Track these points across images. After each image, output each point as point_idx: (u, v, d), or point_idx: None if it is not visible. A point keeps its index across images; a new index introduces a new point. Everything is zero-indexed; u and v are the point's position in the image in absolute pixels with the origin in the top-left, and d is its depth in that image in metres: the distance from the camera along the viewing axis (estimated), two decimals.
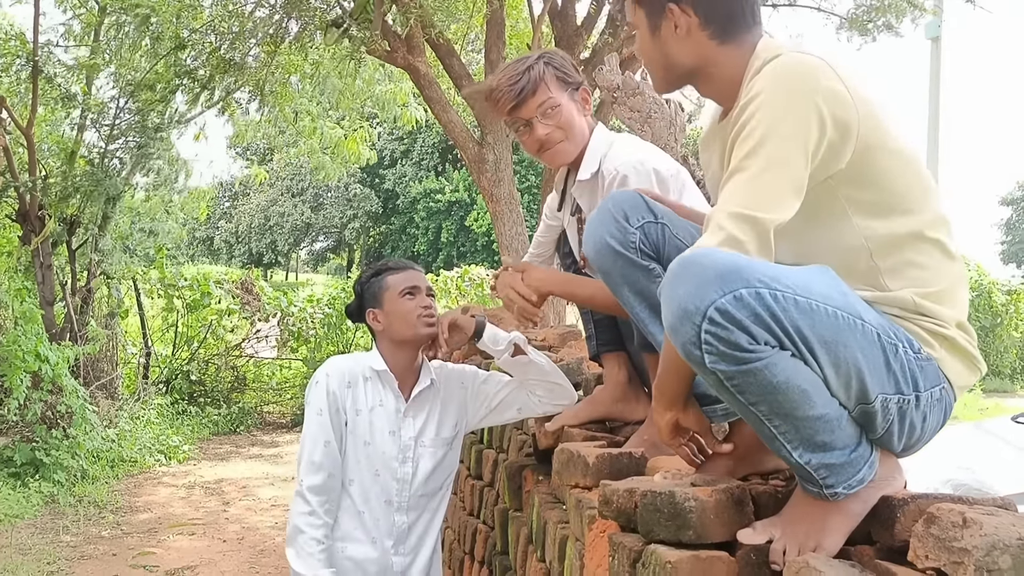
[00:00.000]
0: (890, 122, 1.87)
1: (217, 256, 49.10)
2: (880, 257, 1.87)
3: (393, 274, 3.06)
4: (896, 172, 1.85)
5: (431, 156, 40.57)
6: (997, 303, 19.37)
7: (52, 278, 9.75)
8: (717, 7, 1.94)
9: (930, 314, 1.85)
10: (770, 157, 1.73)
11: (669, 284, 1.69)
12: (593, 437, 2.74)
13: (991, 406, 14.81)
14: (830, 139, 1.77)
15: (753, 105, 1.78)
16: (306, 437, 2.94)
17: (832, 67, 1.81)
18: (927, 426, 1.85)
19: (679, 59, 2.02)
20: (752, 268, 1.63)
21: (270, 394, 13.03)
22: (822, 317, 1.66)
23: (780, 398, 1.65)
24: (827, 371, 1.68)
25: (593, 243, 2.28)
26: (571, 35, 8.81)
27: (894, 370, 1.75)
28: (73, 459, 8.16)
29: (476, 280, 15.59)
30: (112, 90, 10.50)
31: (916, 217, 1.86)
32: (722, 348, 1.61)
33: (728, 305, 1.59)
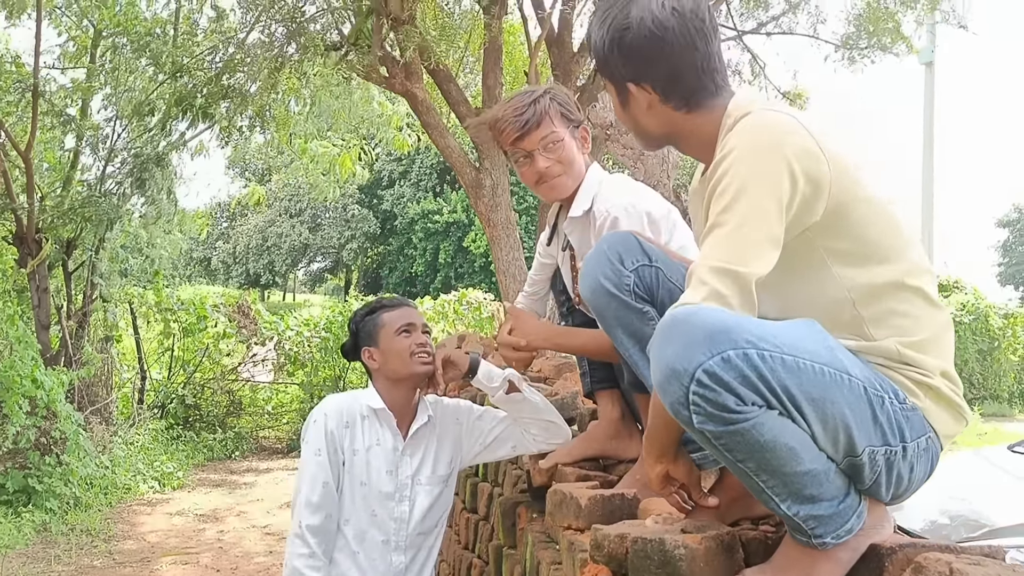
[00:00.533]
0: (862, 174, 1.90)
1: (214, 276, 49.06)
2: (863, 306, 1.88)
3: (388, 311, 3.06)
4: (871, 222, 1.87)
5: (429, 177, 40.62)
6: (994, 327, 19.36)
7: (48, 302, 9.74)
8: (674, 84, 1.98)
9: (914, 363, 1.86)
10: (745, 212, 1.76)
11: (658, 343, 1.70)
12: (587, 476, 2.74)
13: (990, 431, 14.78)
14: (803, 193, 1.79)
15: (727, 162, 1.82)
16: (303, 477, 2.92)
17: (801, 123, 1.85)
18: (914, 476, 1.86)
19: (650, 129, 2.08)
20: (740, 328, 1.65)
21: (266, 419, 12.99)
22: (809, 375, 1.67)
23: (768, 456, 1.66)
24: (815, 427, 1.69)
25: (588, 284, 2.30)
26: (567, 62, 8.84)
27: (881, 422, 1.76)
28: (66, 486, 8.12)
29: (473, 304, 15.56)
30: (109, 112, 10.52)
31: (895, 265, 1.89)
32: (710, 409, 1.62)
33: (716, 367, 1.61)
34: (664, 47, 1.94)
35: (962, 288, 21.09)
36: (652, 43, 1.95)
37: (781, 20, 9.99)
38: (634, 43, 1.96)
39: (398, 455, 3.00)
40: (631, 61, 1.99)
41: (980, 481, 6.19)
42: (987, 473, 6.39)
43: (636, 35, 1.95)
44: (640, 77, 2.00)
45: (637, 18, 1.95)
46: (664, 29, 1.93)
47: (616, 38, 1.99)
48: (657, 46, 1.95)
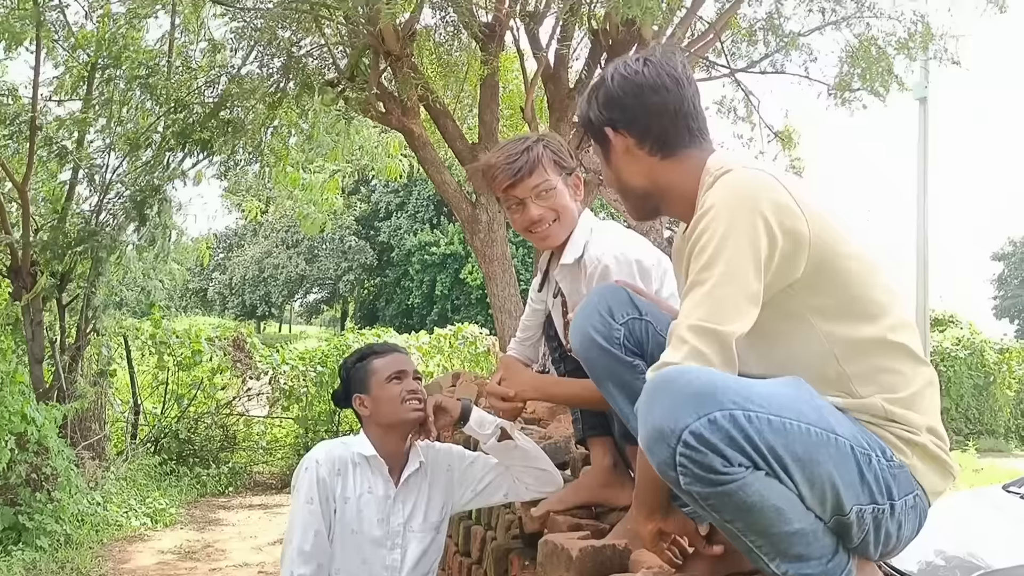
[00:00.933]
0: (843, 229, 1.93)
1: (210, 308, 49.04)
2: (847, 363, 1.89)
3: (379, 358, 3.05)
4: (854, 278, 1.89)
5: (426, 209, 40.68)
6: (989, 361, 19.35)
7: (42, 335, 9.71)
8: (648, 126, 2.06)
9: (901, 420, 1.87)
10: (724, 270, 1.79)
11: (645, 404, 1.72)
12: (578, 525, 2.73)
13: (986, 466, 14.75)
14: (783, 249, 1.82)
15: (705, 220, 1.86)
16: (295, 526, 2.89)
17: (780, 181, 1.89)
18: (903, 534, 1.87)
19: (631, 180, 2.13)
20: (726, 389, 1.67)
21: (260, 453, 12.91)
22: (796, 435, 1.69)
23: (756, 516, 1.68)
24: (802, 487, 1.70)
25: (579, 337, 2.32)
26: (563, 98, 8.88)
27: (868, 481, 1.77)
28: (57, 523, 8.02)
29: (469, 338, 15.55)
30: (105, 143, 10.52)
31: (879, 321, 1.90)
32: (697, 471, 1.64)
33: (702, 429, 1.62)
34: (635, 90, 2.05)
35: (957, 323, 21.13)
36: (624, 87, 2.06)
37: (773, 58, 10.05)
38: (608, 91, 2.08)
39: (390, 502, 2.98)
40: (607, 107, 2.09)
41: (975, 522, 6.16)
42: (983, 513, 6.36)
43: (610, 84, 2.08)
44: (616, 122, 2.08)
45: (611, 71, 2.10)
46: (635, 73, 2.06)
47: (594, 92, 2.13)
48: (629, 89, 2.06)
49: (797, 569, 1.74)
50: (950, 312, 21.65)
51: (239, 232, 47.86)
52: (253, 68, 9.22)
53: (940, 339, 19.32)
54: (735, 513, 1.68)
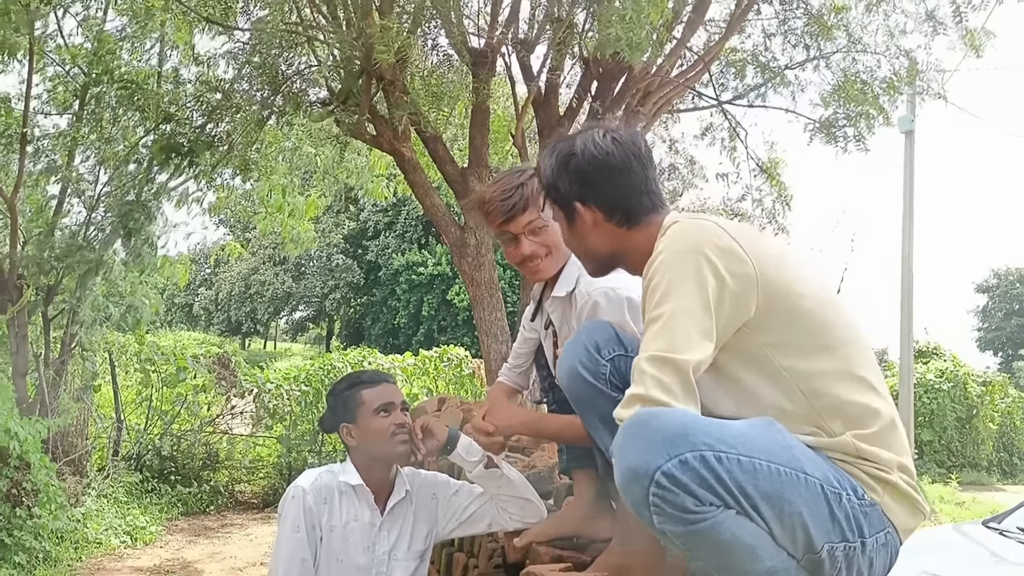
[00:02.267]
0: (793, 269, 2.03)
1: (196, 323, 48.87)
2: (813, 397, 1.95)
3: (368, 388, 3.05)
4: (807, 314, 1.97)
5: (415, 229, 40.65)
6: (972, 394, 19.41)
7: (27, 349, 9.68)
8: (616, 202, 2.19)
9: (872, 458, 1.92)
10: (675, 306, 1.89)
11: (619, 446, 1.79)
12: (559, 557, 2.74)
13: (968, 500, 14.79)
14: (732, 290, 1.91)
15: (655, 264, 1.98)
16: (280, 554, 2.90)
17: (724, 228, 2.00)
18: (874, 571, 1.92)
19: (596, 247, 2.26)
20: (697, 431, 1.74)
21: (243, 473, 12.84)
22: (765, 475, 1.74)
23: (728, 555, 1.73)
24: (772, 526, 1.76)
25: (566, 371, 2.37)
26: (553, 125, 8.92)
27: (839, 519, 1.82)
28: (36, 540, 7.97)
29: (454, 360, 15.55)
30: (94, 160, 10.54)
31: (838, 354, 1.97)
32: (669, 510, 1.69)
33: (674, 469, 1.68)
34: (606, 169, 2.18)
35: (941, 355, 21.21)
36: (596, 166, 2.18)
37: (760, 91, 10.14)
38: (580, 166, 2.19)
39: (375, 531, 2.98)
40: (578, 183, 2.20)
41: (957, 558, 6.18)
42: (964, 549, 6.38)
43: (581, 160, 2.19)
44: (586, 197, 2.21)
45: (581, 146, 2.20)
46: (606, 154, 2.17)
47: (564, 163, 2.22)
48: (600, 169, 2.18)
49: None
50: (934, 344, 21.74)
51: (220, 253, 47.74)
52: (242, 85, 9.25)
53: (923, 371, 19.39)
54: (709, 552, 1.73)
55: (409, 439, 2.96)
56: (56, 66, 10.42)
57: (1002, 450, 20.10)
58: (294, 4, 8.36)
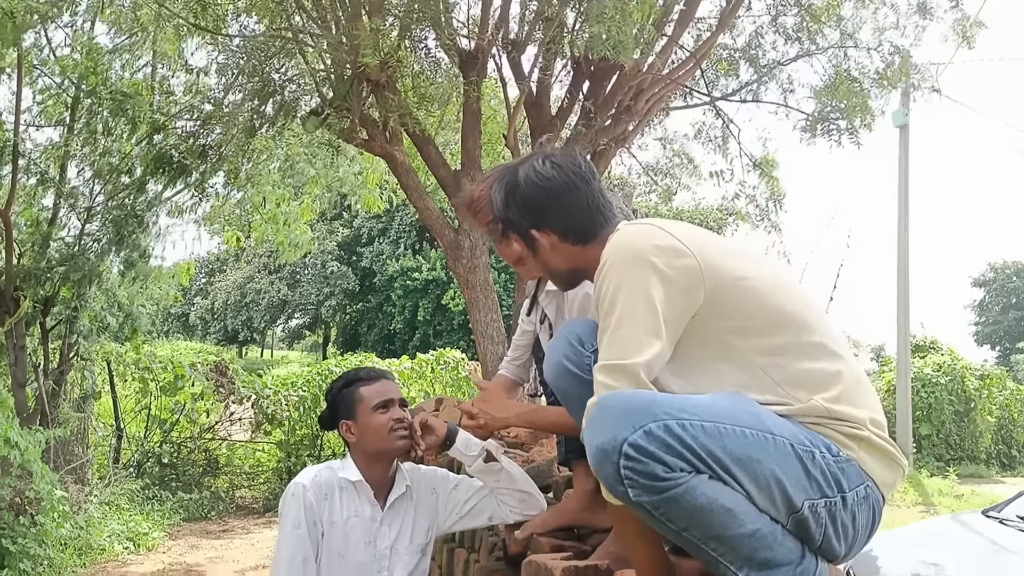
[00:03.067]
0: (735, 255, 2.11)
1: (192, 332, 48.81)
2: (773, 371, 2.00)
3: (366, 385, 3.07)
4: (752, 294, 2.03)
5: (408, 235, 40.65)
6: (970, 387, 19.44)
7: (25, 360, 9.70)
8: (569, 223, 2.29)
9: (843, 417, 1.96)
10: (620, 313, 1.98)
11: (587, 431, 1.86)
12: (560, 547, 2.77)
13: (966, 492, 14.82)
14: (678, 284, 1.99)
15: (600, 276, 2.07)
16: (282, 552, 2.91)
17: (662, 228, 2.09)
18: (858, 524, 1.95)
19: (558, 267, 2.36)
20: (657, 403, 1.81)
21: (242, 478, 12.88)
22: (731, 437, 1.80)
23: (707, 520, 1.76)
24: (748, 487, 1.80)
25: (551, 366, 2.42)
26: (545, 125, 8.94)
27: (814, 476, 1.86)
28: (40, 547, 8.01)
29: (451, 363, 15.57)
30: (88, 172, 10.56)
31: (789, 327, 2.03)
32: (642, 481, 1.74)
33: (640, 440, 1.74)
34: (551, 194, 2.28)
35: (938, 349, 21.23)
36: (541, 193, 2.28)
37: (752, 87, 10.16)
38: (525, 195, 2.29)
39: (376, 526, 3.00)
40: (528, 211, 2.30)
41: (955, 547, 6.22)
42: (962, 538, 6.41)
43: (525, 189, 2.29)
44: (540, 224, 2.31)
45: (523, 175, 2.31)
46: (548, 179, 2.28)
47: (510, 193, 2.32)
48: (545, 195, 2.28)
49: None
50: (931, 338, 21.77)
51: (221, 257, 47.74)
52: (233, 95, 9.27)
53: (921, 365, 19.42)
54: (688, 519, 1.76)
55: (408, 434, 2.99)
56: (46, 78, 10.45)
57: (1000, 443, 20.12)
58: (283, 11, 8.37)
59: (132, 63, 10.59)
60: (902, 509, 13.13)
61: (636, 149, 11.48)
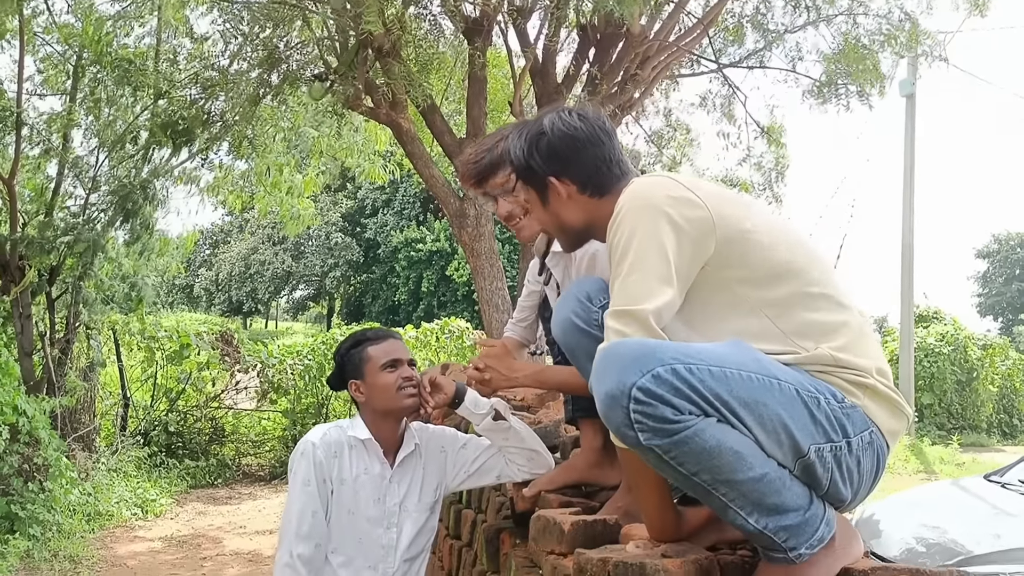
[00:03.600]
0: (748, 208, 2.15)
1: (196, 304, 48.87)
2: (780, 320, 2.04)
3: (374, 345, 3.09)
4: (761, 246, 2.07)
5: (413, 205, 40.63)
6: (972, 357, 19.48)
7: (31, 329, 9.73)
8: (588, 173, 2.32)
9: (849, 365, 1.99)
10: (633, 260, 2.02)
11: (595, 378, 1.88)
12: (569, 503, 2.79)
13: (968, 461, 14.88)
14: (689, 235, 2.03)
15: (614, 225, 2.10)
16: (292, 508, 2.94)
17: (674, 179, 2.14)
18: (863, 469, 1.97)
19: (570, 220, 2.37)
20: (664, 348, 1.84)
21: (248, 446, 12.95)
22: (738, 381, 1.82)
23: (716, 462, 1.78)
24: (755, 430, 1.82)
25: (559, 323, 2.45)
26: (551, 92, 8.93)
27: (820, 420, 1.89)
28: (49, 513, 8.07)
29: (455, 332, 15.61)
30: (92, 141, 10.56)
31: (797, 278, 2.07)
32: (651, 424, 1.76)
33: (648, 383, 1.76)
34: (577, 144, 2.31)
35: (941, 318, 21.25)
36: (566, 142, 2.31)
37: (760, 54, 10.12)
38: (552, 143, 2.31)
39: (386, 483, 3.03)
40: (551, 159, 2.31)
41: (956, 510, 6.27)
42: (964, 502, 6.46)
43: (552, 137, 2.32)
44: (561, 172, 2.32)
45: (550, 124, 2.33)
46: (575, 129, 2.31)
47: (535, 143, 2.34)
48: (571, 144, 2.31)
49: (777, 522, 1.83)
50: (934, 308, 21.79)
51: (225, 228, 47.75)
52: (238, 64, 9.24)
53: (924, 335, 19.45)
54: (698, 462, 1.78)
55: (416, 393, 3.01)
56: (48, 47, 10.43)
57: (1002, 412, 20.19)
58: None
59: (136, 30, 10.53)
60: (903, 476, 13.20)
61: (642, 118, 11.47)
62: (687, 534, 2.15)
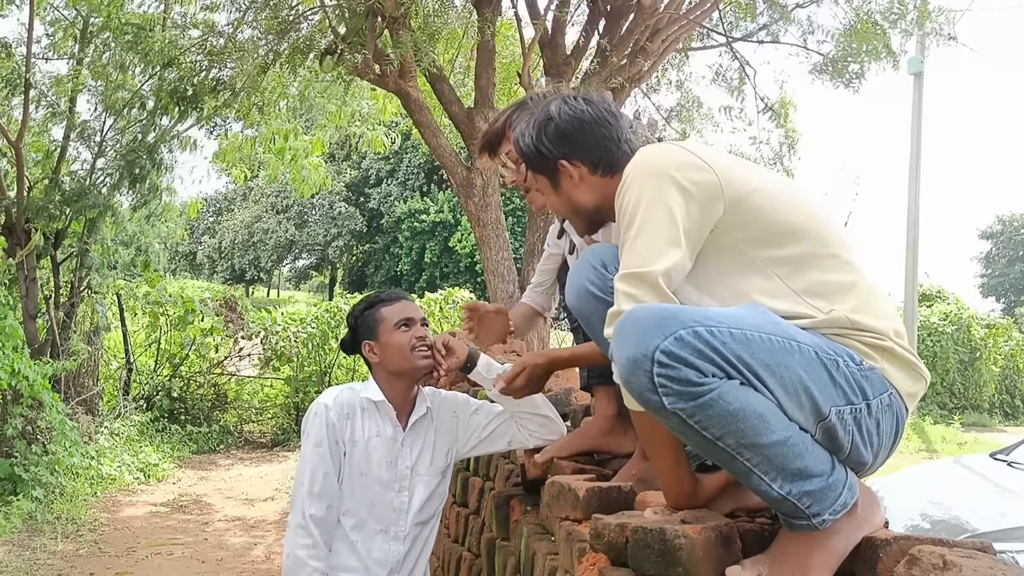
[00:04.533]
0: (754, 171, 2.18)
1: (199, 271, 48.88)
2: (791, 280, 2.04)
3: (387, 306, 3.08)
4: (770, 206, 2.08)
5: (416, 176, 40.58)
6: (976, 337, 19.48)
7: (36, 291, 9.73)
8: (598, 153, 2.37)
9: (866, 328, 1.98)
10: (641, 224, 2.06)
11: (616, 344, 1.87)
12: (582, 470, 2.78)
13: (970, 440, 14.92)
14: (697, 199, 2.05)
15: (622, 191, 2.14)
16: (304, 468, 2.94)
17: (680, 146, 2.16)
18: (882, 431, 1.96)
19: (583, 201, 2.42)
20: (684, 312, 1.84)
21: (251, 413, 12.99)
22: (759, 344, 1.82)
23: (740, 425, 1.77)
24: (777, 393, 1.81)
25: (574, 290, 2.44)
26: (560, 64, 8.87)
27: (839, 383, 1.88)
28: (52, 475, 8.11)
29: (459, 303, 15.58)
30: (99, 106, 10.50)
31: (807, 238, 2.07)
32: (675, 387, 1.75)
33: (671, 346, 1.76)
34: (584, 125, 2.36)
35: (944, 298, 21.24)
36: (574, 124, 2.36)
37: (771, 28, 10.04)
38: (560, 127, 2.37)
39: (398, 446, 3.02)
40: (561, 142, 2.37)
41: (961, 488, 6.25)
42: (968, 481, 6.45)
43: (560, 121, 2.37)
44: (571, 154, 2.36)
45: (556, 109, 2.38)
46: (581, 112, 2.37)
47: (543, 128, 2.38)
48: (579, 126, 2.36)
49: (800, 487, 1.82)
50: (938, 287, 21.77)
51: (229, 196, 47.70)
52: (246, 30, 9.18)
53: (927, 314, 19.44)
54: (722, 426, 1.77)
55: (430, 354, 3.00)
56: (56, 11, 10.36)
57: (1004, 392, 20.23)
58: None
59: None
60: (905, 455, 13.21)
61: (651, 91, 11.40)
62: (704, 501, 2.15)
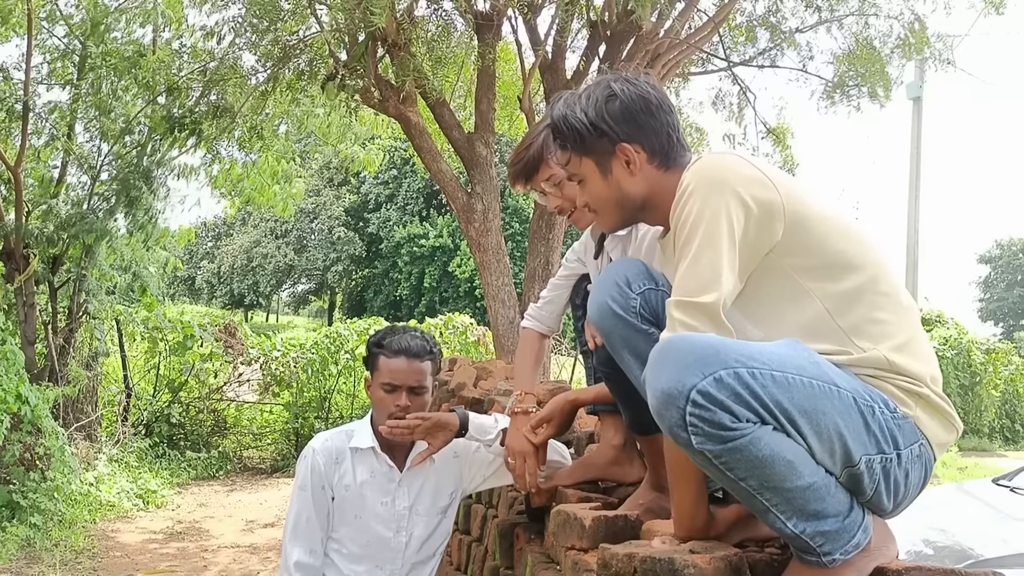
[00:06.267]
0: (814, 194, 2.06)
1: (198, 296, 48.88)
2: (839, 316, 1.97)
3: (385, 357, 3.06)
4: (829, 234, 1.99)
5: (416, 201, 40.65)
6: (976, 361, 19.45)
7: (35, 317, 9.71)
8: (660, 140, 2.19)
9: (904, 372, 1.93)
10: (701, 243, 1.93)
11: (651, 371, 1.79)
12: (587, 498, 2.75)
13: (970, 465, 14.85)
14: (758, 218, 1.94)
15: (681, 199, 2.00)
16: (291, 511, 3.03)
17: (746, 159, 2.04)
18: (910, 482, 1.92)
19: (632, 192, 2.22)
20: (727, 349, 1.75)
21: (250, 439, 12.94)
22: (799, 388, 1.76)
23: (768, 471, 1.73)
24: (810, 440, 1.76)
25: (596, 307, 2.34)
26: (560, 88, 8.87)
27: (873, 431, 1.84)
28: (51, 502, 8.07)
29: (459, 328, 15.56)
30: (95, 132, 10.53)
31: (862, 272, 1.99)
32: (707, 429, 1.70)
33: (709, 387, 1.69)
34: (651, 107, 2.18)
35: (944, 322, 21.23)
36: (641, 104, 2.18)
37: (770, 54, 10.08)
38: (624, 106, 2.17)
39: (394, 486, 3.03)
40: (626, 121, 2.18)
41: (963, 514, 6.21)
42: (970, 507, 6.41)
43: (624, 100, 2.17)
44: (633, 136, 2.18)
45: (620, 88, 2.18)
46: (648, 94, 2.18)
47: (604, 106, 2.18)
48: (646, 107, 2.18)
49: (815, 527, 1.79)
50: (937, 311, 21.76)
51: (228, 221, 47.75)
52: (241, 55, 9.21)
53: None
54: (748, 470, 1.73)
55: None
56: (54, 38, 10.41)
57: (1004, 417, 20.18)
58: None
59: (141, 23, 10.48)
60: None
61: None
62: (715, 534, 2.12)
